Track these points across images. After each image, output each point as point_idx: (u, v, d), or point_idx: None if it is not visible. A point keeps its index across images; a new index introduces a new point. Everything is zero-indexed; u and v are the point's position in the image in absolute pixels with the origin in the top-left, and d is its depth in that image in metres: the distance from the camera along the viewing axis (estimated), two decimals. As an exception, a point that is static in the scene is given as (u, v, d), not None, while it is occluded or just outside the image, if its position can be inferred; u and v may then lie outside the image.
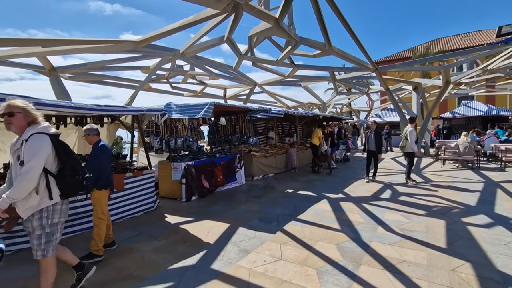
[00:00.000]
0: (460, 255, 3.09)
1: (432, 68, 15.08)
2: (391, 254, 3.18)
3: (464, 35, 29.53)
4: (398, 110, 12.42)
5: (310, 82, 14.25)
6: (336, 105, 24.72)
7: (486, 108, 16.12)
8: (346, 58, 8.50)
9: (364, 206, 5.13)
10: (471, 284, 2.54)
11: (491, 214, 4.45)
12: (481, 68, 12.14)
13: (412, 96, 13.53)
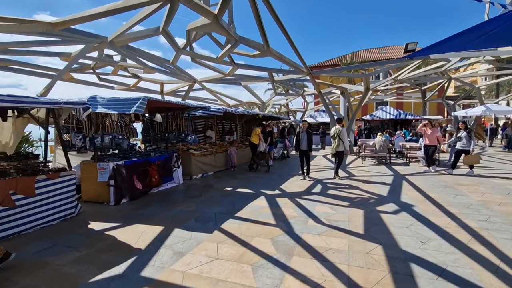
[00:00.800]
0: (374, 239, 3.56)
1: (356, 75, 17.00)
2: (319, 243, 3.46)
3: (381, 48, 34.10)
4: (328, 112, 13.64)
5: (250, 81, 14.52)
6: (275, 105, 25.81)
7: (396, 112, 18.96)
8: (283, 61, 8.92)
9: (297, 200, 5.47)
10: (382, 263, 2.94)
11: (398, 202, 5.26)
12: (392, 78, 14.23)
13: (340, 99, 15.04)
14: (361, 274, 2.74)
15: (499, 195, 5.59)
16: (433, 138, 8.29)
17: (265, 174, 8.66)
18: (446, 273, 2.74)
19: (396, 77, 14.24)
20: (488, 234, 3.64)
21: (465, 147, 7.89)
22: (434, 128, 8.38)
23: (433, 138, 8.29)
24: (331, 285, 2.56)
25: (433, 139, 8.29)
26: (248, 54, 8.85)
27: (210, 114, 9.21)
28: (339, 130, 7.59)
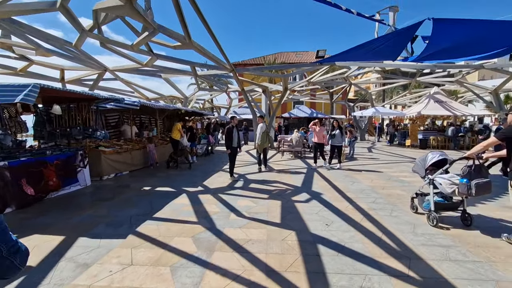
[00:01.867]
0: (288, 226, 3.90)
1: (276, 76, 18.12)
2: (240, 236, 3.57)
3: (298, 52, 37.23)
4: (251, 109, 14.15)
5: (171, 74, 13.74)
6: (198, 100, 25.20)
7: (310, 111, 21.10)
8: (206, 56, 8.76)
9: (220, 196, 5.51)
10: (295, 248, 3.25)
11: (309, 191, 5.89)
12: (307, 80, 15.76)
13: (262, 97, 15.77)
14: (277, 259, 2.96)
15: (383, 181, 6.89)
16: (321, 136, 8.78)
17: (187, 171, 8.39)
18: (344, 249, 3.23)
19: (309, 80, 15.82)
20: (375, 213, 4.46)
21: (338, 143, 8.60)
22: (322, 127, 8.88)
23: (321, 136, 8.78)
24: (250, 274, 2.68)
25: (321, 137, 8.77)
26: (168, 44, 8.34)
27: (125, 107, 8.32)
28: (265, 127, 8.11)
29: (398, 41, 6.16)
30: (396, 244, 3.36)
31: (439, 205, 4.04)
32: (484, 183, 3.55)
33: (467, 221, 3.90)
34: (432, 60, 8.73)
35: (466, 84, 16.26)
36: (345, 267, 2.82)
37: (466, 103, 23.50)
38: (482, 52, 6.60)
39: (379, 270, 2.75)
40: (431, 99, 15.56)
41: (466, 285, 2.51)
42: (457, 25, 5.15)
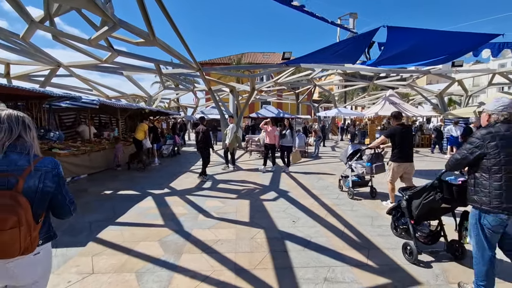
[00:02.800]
0: (257, 225, 3.97)
1: (244, 76, 18.24)
2: (209, 237, 3.56)
3: (265, 53, 37.73)
4: (218, 109, 14.04)
5: (134, 72, 13.11)
6: (163, 100, 24.35)
7: (277, 111, 21.52)
8: (172, 53, 8.51)
9: (188, 197, 5.41)
10: (263, 245, 3.33)
11: (277, 190, 6.04)
12: (273, 81, 16.07)
13: (229, 97, 15.73)
14: (246, 258, 3.01)
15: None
16: (272, 136, 8.07)
17: (152, 173, 8.08)
18: (310, 244, 3.38)
19: (276, 80, 16.15)
20: (338, 208, 4.72)
21: (288, 144, 8.13)
22: (274, 127, 8.21)
23: (272, 136, 8.07)
24: (219, 274, 2.70)
25: (273, 137, 8.07)
26: (130, 40, 7.94)
27: (82, 106, 7.77)
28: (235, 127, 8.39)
29: (356, 45, 6.57)
30: (357, 236, 3.60)
31: (355, 183, 5.56)
32: (380, 165, 5.32)
33: (373, 193, 5.45)
34: (387, 65, 9.45)
35: (416, 87, 17.85)
36: (310, 260, 2.96)
37: (417, 105, 25.77)
38: (428, 58, 7.32)
39: (342, 262, 2.94)
40: (387, 101, 16.79)
41: (416, 269, 2.79)
42: (408, 33, 5.65)
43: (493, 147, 2.11)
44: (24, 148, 1.33)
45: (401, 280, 2.60)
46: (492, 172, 2.12)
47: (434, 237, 3.11)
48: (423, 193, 2.93)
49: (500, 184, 2.08)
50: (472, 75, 19.49)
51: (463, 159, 2.26)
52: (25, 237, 1.19)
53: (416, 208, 2.98)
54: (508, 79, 14.14)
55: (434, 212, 3.04)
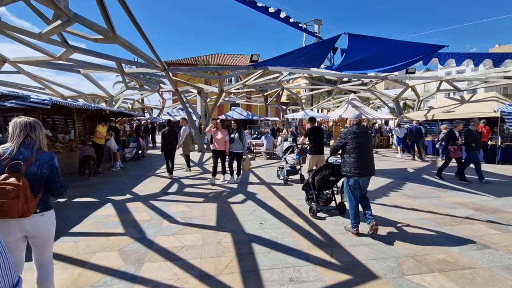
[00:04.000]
0: (224, 228, 3.91)
1: (212, 77, 17.99)
2: (173, 243, 3.42)
3: (234, 55, 37.70)
4: (185, 110, 13.69)
5: (93, 70, 12.25)
6: (127, 100, 23.17)
7: (246, 113, 21.59)
8: (134, 52, 8.10)
9: (152, 203, 5.16)
10: (230, 249, 3.28)
11: (245, 192, 6.02)
12: (242, 83, 16.09)
13: (197, 99, 15.44)
14: (212, 263, 2.94)
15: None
16: (222, 142, 6.80)
17: (113, 178, 7.60)
18: (277, 245, 3.41)
19: (245, 82, 16.19)
20: (304, 209, 4.83)
21: (237, 150, 6.90)
22: (224, 130, 6.92)
23: (222, 142, 6.80)
24: (184, 282, 2.60)
25: (222, 142, 6.80)
26: (88, 36, 7.42)
27: (31, 106, 7.05)
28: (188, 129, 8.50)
29: (320, 50, 6.82)
30: (321, 235, 3.71)
31: (289, 172, 6.99)
32: (304, 157, 6.64)
33: (302, 179, 6.63)
34: (349, 70, 9.95)
35: (375, 92, 19.06)
36: (277, 262, 2.98)
37: (376, 108, 27.54)
38: (385, 65, 7.83)
39: (307, 261, 3.00)
40: (349, 104, 17.70)
41: (374, 264, 2.94)
42: (367, 41, 6.00)
43: (350, 138, 3.70)
44: (30, 144, 1.90)
45: (362, 275, 2.72)
46: (350, 153, 3.68)
47: (328, 201, 4.67)
48: (320, 171, 4.42)
49: (354, 160, 3.64)
50: (423, 82, 21.34)
51: (337, 146, 3.86)
52: (22, 205, 1.74)
53: (317, 182, 4.42)
54: (453, 85, 15.70)
55: (327, 184, 4.52)
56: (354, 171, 3.61)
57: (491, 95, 12.25)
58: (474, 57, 8.33)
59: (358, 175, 3.60)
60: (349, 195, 3.74)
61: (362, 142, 3.67)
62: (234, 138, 6.83)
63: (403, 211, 4.73)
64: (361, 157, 3.63)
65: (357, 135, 3.69)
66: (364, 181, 3.71)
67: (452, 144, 7.28)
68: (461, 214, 4.54)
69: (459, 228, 3.96)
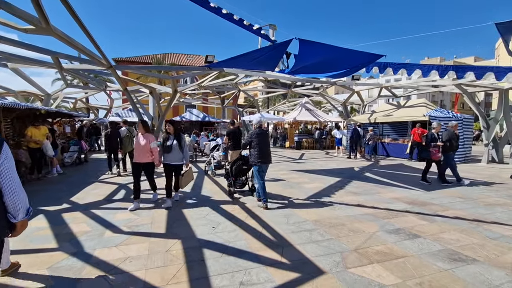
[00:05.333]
0: (174, 235, 3.73)
1: (166, 77, 17.24)
2: (116, 255, 3.14)
3: (189, 55, 36.71)
4: (136, 111, 12.84)
5: (23, 65, 10.79)
6: (68, 99, 20.98)
7: (202, 115, 21.17)
8: (74, 46, 7.32)
9: (93, 212, 4.70)
10: (179, 257, 3.13)
11: (198, 196, 5.85)
12: (197, 84, 15.72)
13: (149, 99, 14.60)
14: (158, 274, 2.77)
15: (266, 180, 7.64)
16: (145, 151, 4.93)
17: (49, 186, 6.76)
18: (228, 248, 3.36)
19: (200, 83, 15.84)
20: (257, 210, 4.86)
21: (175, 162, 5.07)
22: (149, 135, 5.05)
23: (145, 151, 4.93)
24: (125, 297, 2.39)
25: (145, 152, 4.94)
26: (16, 26, 6.50)
27: None
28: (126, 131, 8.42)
29: (273, 54, 6.99)
30: (273, 235, 3.77)
31: (216, 167, 8.10)
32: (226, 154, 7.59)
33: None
34: (302, 74, 10.39)
35: (326, 96, 20.25)
36: (228, 266, 2.93)
37: (327, 111, 29.26)
38: (333, 71, 8.36)
39: (258, 263, 3.00)
40: (303, 107, 18.52)
41: (322, 260, 3.07)
42: (316, 47, 6.32)
43: (255, 138, 5.06)
44: None
45: (310, 272, 2.82)
46: (255, 148, 5.04)
47: (243, 185, 5.99)
48: (235, 162, 5.86)
49: (257, 152, 5.01)
50: (366, 88, 23.31)
51: (246, 143, 5.18)
52: None
53: (234, 171, 5.79)
54: (391, 92, 17.45)
55: (241, 172, 5.89)
56: (258, 160, 5.01)
57: (421, 101, 13.91)
58: (407, 67, 9.35)
59: (261, 163, 5.03)
60: (257, 177, 5.10)
61: (262, 140, 5.09)
62: (171, 146, 4.95)
63: (350, 208, 5.05)
64: (262, 150, 5.03)
65: (259, 135, 5.09)
66: (265, 167, 5.18)
67: (433, 147, 7.08)
68: (396, 208, 5.02)
69: (395, 220, 4.37)
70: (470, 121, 12.15)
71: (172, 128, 5.12)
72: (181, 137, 5.11)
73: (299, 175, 8.38)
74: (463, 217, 4.54)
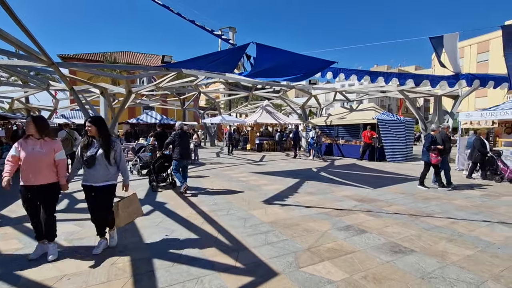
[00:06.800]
0: (122, 246, 3.47)
1: (119, 77, 16.18)
2: (50, 274, 2.81)
3: (147, 55, 35.06)
4: (84, 113, 11.84)
5: None
6: (2, 99, 18.61)
7: (160, 117, 20.31)
8: (4, 38, 6.49)
9: (28, 226, 4.16)
10: (126, 270, 2.91)
11: (153, 202, 5.55)
12: (154, 84, 15.05)
13: (100, 100, 13.57)
14: (100, 290, 2.54)
15: (225, 182, 7.57)
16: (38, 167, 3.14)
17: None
18: (181, 257, 3.22)
19: (157, 84, 15.18)
20: (214, 214, 4.77)
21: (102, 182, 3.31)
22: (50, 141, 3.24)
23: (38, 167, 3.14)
24: (58, 321, 2.14)
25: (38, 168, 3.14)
26: None
27: None
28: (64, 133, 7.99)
29: (231, 57, 6.98)
30: (229, 240, 3.72)
31: (142, 166, 8.61)
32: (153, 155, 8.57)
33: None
34: (259, 77, 10.54)
35: (286, 99, 20.85)
36: (179, 276, 2.80)
37: (287, 114, 30.13)
38: (290, 75, 8.61)
39: (211, 269, 2.93)
40: (264, 110, 18.81)
41: (275, 261, 3.11)
42: (272, 51, 6.45)
43: (177, 138, 6.28)
44: None
45: (263, 275, 2.83)
46: (177, 146, 6.27)
47: (165, 180, 6.98)
48: (158, 160, 6.69)
49: (179, 150, 6.27)
50: (323, 92, 24.58)
51: (170, 142, 6.37)
52: None
53: (156, 168, 6.62)
54: (345, 96, 18.62)
55: (163, 169, 6.79)
56: (179, 157, 6.27)
57: (370, 105, 15.06)
58: (358, 73, 10.05)
59: (181, 159, 6.30)
60: (176, 172, 6.40)
61: (183, 140, 6.32)
62: (94, 157, 3.19)
63: (305, 208, 5.22)
64: (183, 149, 6.29)
65: (180, 136, 6.29)
66: (184, 163, 6.43)
67: (433, 150, 6.75)
68: (348, 206, 5.33)
69: (346, 218, 4.62)
70: (412, 123, 13.48)
71: (95, 130, 3.24)
72: (111, 143, 3.30)
73: (259, 177, 8.46)
74: (404, 212, 4.98)
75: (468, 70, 31.33)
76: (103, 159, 3.24)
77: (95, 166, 3.23)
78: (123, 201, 3.56)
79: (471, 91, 11.69)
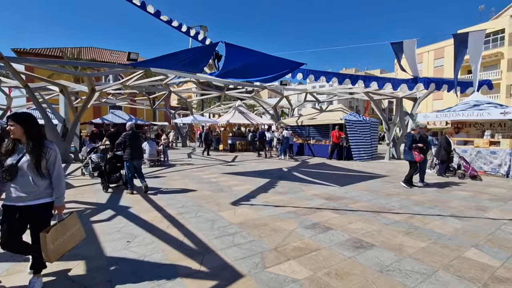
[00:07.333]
0: (77, 256, 3.22)
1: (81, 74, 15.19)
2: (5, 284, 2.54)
3: (114, 51, 33.39)
4: (41, 112, 10.98)
5: None
6: None
7: (128, 117, 19.42)
8: None
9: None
10: (79, 282, 2.71)
11: (115, 207, 5.26)
12: (121, 83, 14.34)
13: (60, 98, 12.64)
14: (49, 305, 2.33)
15: (195, 184, 7.40)
16: None
17: None
18: (143, 264, 3.07)
19: (124, 82, 14.49)
20: (181, 217, 4.63)
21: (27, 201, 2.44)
22: None
23: None
24: None
25: None
26: None
27: None
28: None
29: (200, 57, 6.85)
30: (195, 243, 3.62)
31: (94, 168, 7.99)
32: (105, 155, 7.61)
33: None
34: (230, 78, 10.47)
35: (258, 100, 20.96)
36: (139, 285, 2.66)
37: (260, 114, 30.33)
38: (261, 76, 8.65)
39: (174, 276, 2.82)
40: (236, 110, 18.75)
41: (241, 263, 3.08)
42: (242, 51, 6.42)
43: (128, 139, 6.17)
44: None
45: (228, 278, 2.78)
46: (128, 147, 6.17)
47: (118, 180, 6.93)
48: (110, 161, 6.66)
49: (130, 151, 6.18)
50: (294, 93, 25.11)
51: (121, 143, 6.20)
52: None
53: (108, 168, 6.57)
54: (315, 97, 19.15)
55: (115, 169, 6.77)
56: (130, 157, 6.20)
57: (338, 106, 15.64)
58: (326, 75, 10.36)
59: (131, 160, 6.24)
60: (127, 171, 6.34)
61: (134, 141, 6.27)
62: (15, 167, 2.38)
63: (274, 207, 5.25)
64: (134, 149, 6.23)
65: (131, 136, 6.25)
66: (136, 163, 6.36)
67: (414, 149, 6.92)
68: (315, 204, 5.45)
69: (313, 216, 4.72)
70: (376, 124, 14.21)
71: (20, 130, 2.43)
72: (43, 149, 2.48)
73: (230, 177, 8.39)
74: (367, 208, 5.21)
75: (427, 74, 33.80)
76: (29, 169, 2.40)
77: (16, 179, 2.39)
78: (54, 229, 2.48)
79: (428, 93, 12.57)
